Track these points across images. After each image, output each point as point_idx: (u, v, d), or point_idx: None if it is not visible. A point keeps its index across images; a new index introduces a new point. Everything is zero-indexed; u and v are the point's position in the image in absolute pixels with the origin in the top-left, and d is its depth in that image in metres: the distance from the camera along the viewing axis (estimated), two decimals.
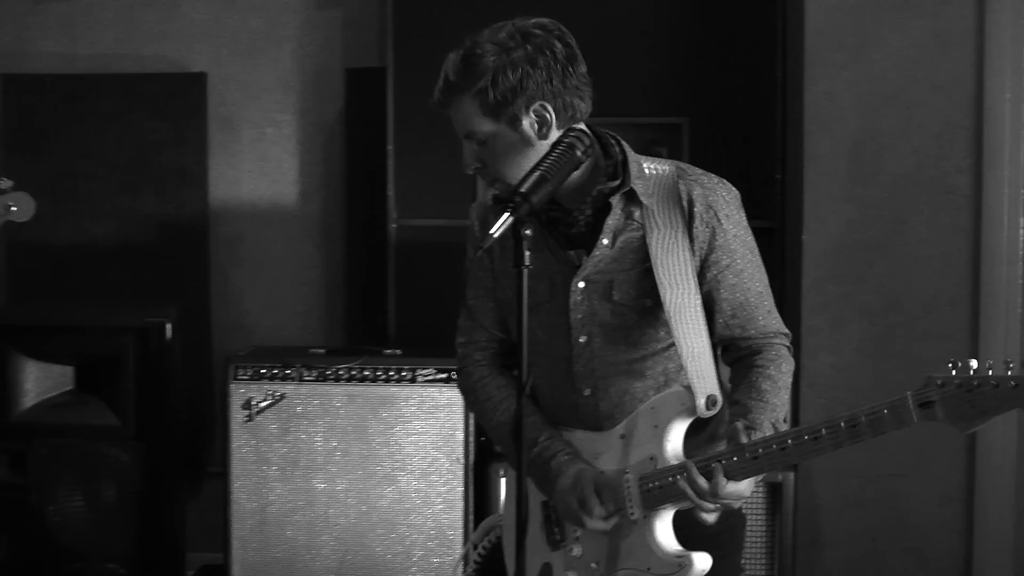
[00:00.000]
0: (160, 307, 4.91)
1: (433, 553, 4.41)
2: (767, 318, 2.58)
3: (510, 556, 2.72)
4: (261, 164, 5.74)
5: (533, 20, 2.47)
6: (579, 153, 2.35)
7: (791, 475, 4.14)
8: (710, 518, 2.39)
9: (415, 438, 4.47)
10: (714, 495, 2.32)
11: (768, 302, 2.60)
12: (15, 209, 3.87)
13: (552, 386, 2.64)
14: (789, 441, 2.27)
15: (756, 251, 2.59)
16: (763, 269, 2.62)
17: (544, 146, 2.42)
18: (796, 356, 2.95)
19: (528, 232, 2.21)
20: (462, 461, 4.42)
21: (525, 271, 2.22)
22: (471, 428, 4.40)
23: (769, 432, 2.40)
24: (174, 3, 5.73)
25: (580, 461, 2.56)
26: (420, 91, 4.82)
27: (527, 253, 2.21)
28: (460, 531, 4.34)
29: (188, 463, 5.22)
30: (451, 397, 4.40)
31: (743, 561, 3.78)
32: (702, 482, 2.32)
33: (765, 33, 4.77)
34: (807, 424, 2.34)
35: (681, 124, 4.82)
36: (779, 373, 2.52)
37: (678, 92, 4.87)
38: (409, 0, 5.03)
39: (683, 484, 2.35)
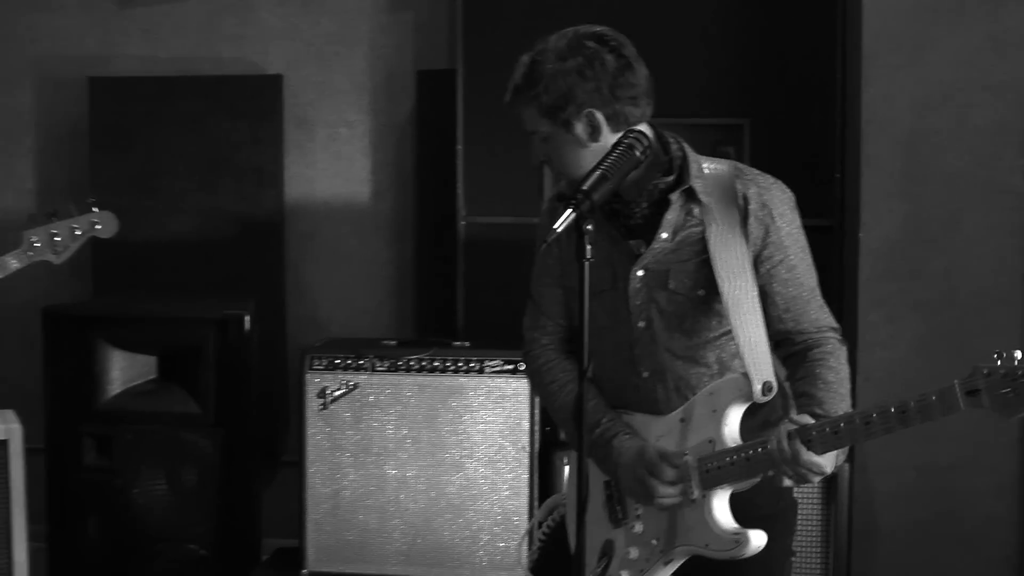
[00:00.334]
0: (238, 300, 4.98)
1: (499, 538, 4.47)
2: (819, 312, 2.66)
3: (573, 533, 2.81)
4: (335, 163, 5.82)
5: (592, 30, 2.59)
6: (638, 153, 2.47)
7: (846, 466, 4.13)
8: (788, 482, 2.49)
9: (482, 427, 4.53)
10: (795, 462, 2.41)
11: (819, 297, 2.68)
12: (100, 227, 3.95)
13: (614, 369, 2.74)
14: (842, 425, 2.36)
15: (807, 249, 2.67)
16: (813, 267, 2.70)
17: (598, 147, 2.54)
18: (852, 351, 3.04)
19: (589, 227, 2.32)
20: (527, 449, 4.47)
21: (587, 264, 2.33)
22: (536, 417, 4.45)
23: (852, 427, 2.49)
24: (251, 8, 5.83)
25: (641, 440, 2.66)
26: (489, 92, 4.81)
27: (588, 247, 2.32)
28: (525, 517, 4.38)
29: (264, 452, 5.29)
30: (517, 388, 4.47)
31: (794, 544, 3.88)
32: (786, 447, 2.41)
33: (825, 36, 4.77)
34: (862, 409, 2.42)
35: (742, 125, 4.86)
36: (839, 364, 2.61)
37: (739, 94, 4.90)
38: (479, 3, 5.06)
39: (771, 445, 2.44)
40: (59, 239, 3.81)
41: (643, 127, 2.58)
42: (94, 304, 5.34)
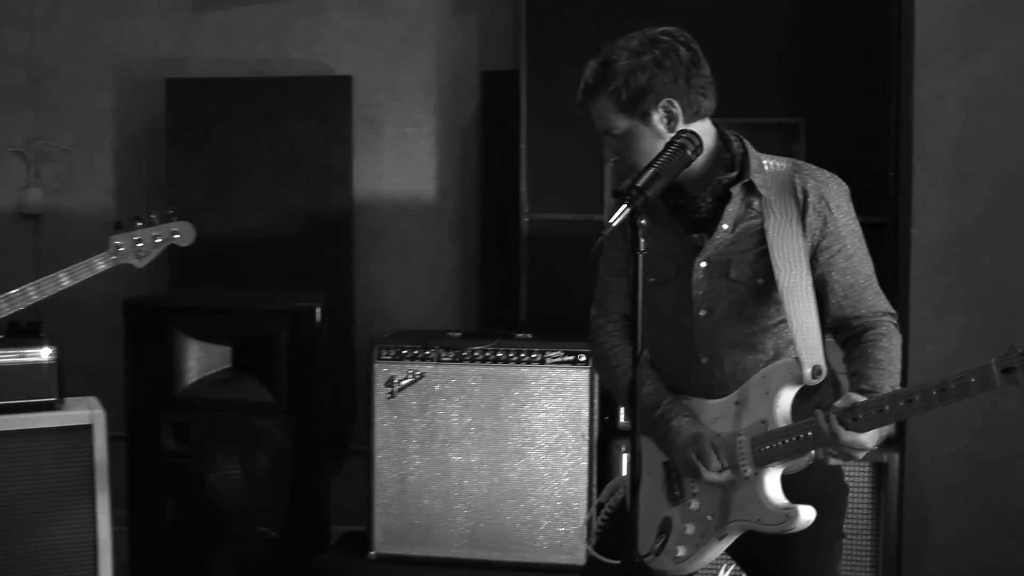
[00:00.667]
0: (310, 293, 5.02)
1: (559, 523, 4.51)
2: (875, 299, 2.77)
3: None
4: (402, 161, 5.90)
5: (660, 29, 2.71)
6: (689, 152, 2.59)
7: (896, 455, 4.19)
8: (833, 461, 2.60)
9: (544, 415, 4.59)
10: (836, 441, 2.51)
11: (875, 284, 2.78)
12: (178, 236, 4.05)
13: (674, 355, 2.86)
14: (886, 407, 2.46)
15: (863, 239, 2.78)
16: (869, 256, 2.80)
17: (672, 126, 2.67)
18: (904, 344, 3.12)
19: (643, 221, 2.43)
20: (587, 437, 4.52)
21: (640, 256, 2.44)
22: (595, 406, 4.49)
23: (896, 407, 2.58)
24: (322, 11, 5.93)
25: (698, 423, 2.77)
26: (551, 92, 4.98)
27: (642, 240, 2.43)
28: (584, 503, 4.45)
29: (333, 441, 5.34)
30: (577, 378, 4.50)
31: (845, 529, 4.02)
32: (825, 427, 2.51)
33: (879, 37, 4.80)
34: (904, 389, 2.51)
35: (798, 124, 4.91)
36: (891, 345, 2.71)
37: (796, 94, 4.93)
38: (541, 6, 5.13)
39: (816, 422, 2.53)
40: (141, 245, 3.92)
41: (695, 126, 2.69)
42: (173, 296, 5.42)
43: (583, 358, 4.54)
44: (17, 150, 6.28)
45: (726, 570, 4.05)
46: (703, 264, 2.77)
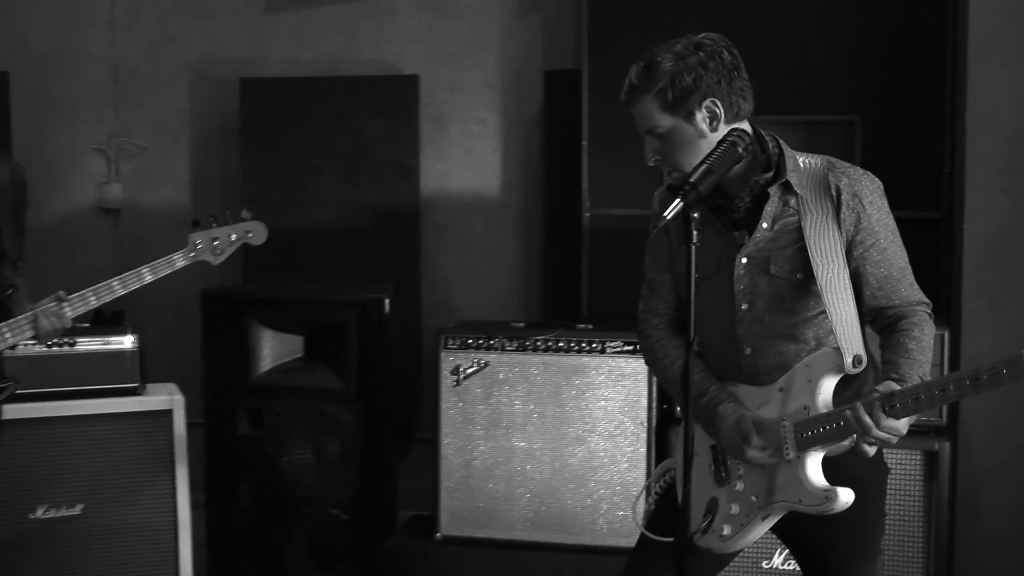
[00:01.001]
0: (379, 285, 5.05)
1: (618, 507, 4.57)
2: (909, 289, 2.84)
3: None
4: (467, 158, 5.98)
5: (703, 35, 2.81)
6: (740, 150, 2.69)
7: (947, 444, 4.19)
8: (871, 451, 2.66)
9: (603, 403, 4.62)
10: (877, 427, 2.59)
11: (909, 276, 2.86)
12: (252, 235, 4.11)
13: (719, 347, 2.95)
14: (922, 395, 2.54)
15: (897, 233, 2.86)
16: (903, 248, 2.88)
17: (714, 139, 2.76)
18: (957, 336, 3.20)
19: (696, 215, 2.54)
20: (645, 424, 4.56)
21: (693, 247, 2.55)
22: (654, 395, 4.53)
23: (916, 383, 2.67)
24: (390, 12, 6.03)
25: (742, 408, 2.87)
26: (613, 91, 4.98)
27: (695, 232, 2.54)
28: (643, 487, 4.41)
29: (400, 429, 5.37)
30: (636, 367, 4.54)
31: (895, 518, 4.02)
32: (866, 418, 2.59)
33: (934, 34, 4.80)
34: (939, 378, 2.59)
35: (854, 122, 4.93)
36: (922, 335, 2.78)
37: (851, 92, 4.94)
38: (603, 7, 5.17)
39: (850, 416, 2.62)
40: (217, 243, 3.98)
41: (745, 126, 2.79)
42: (248, 287, 5.50)
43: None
44: (99, 147, 6.39)
45: (780, 555, 4.17)
46: (744, 260, 2.86)
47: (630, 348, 4.59)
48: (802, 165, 2.85)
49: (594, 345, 4.65)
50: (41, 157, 6.01)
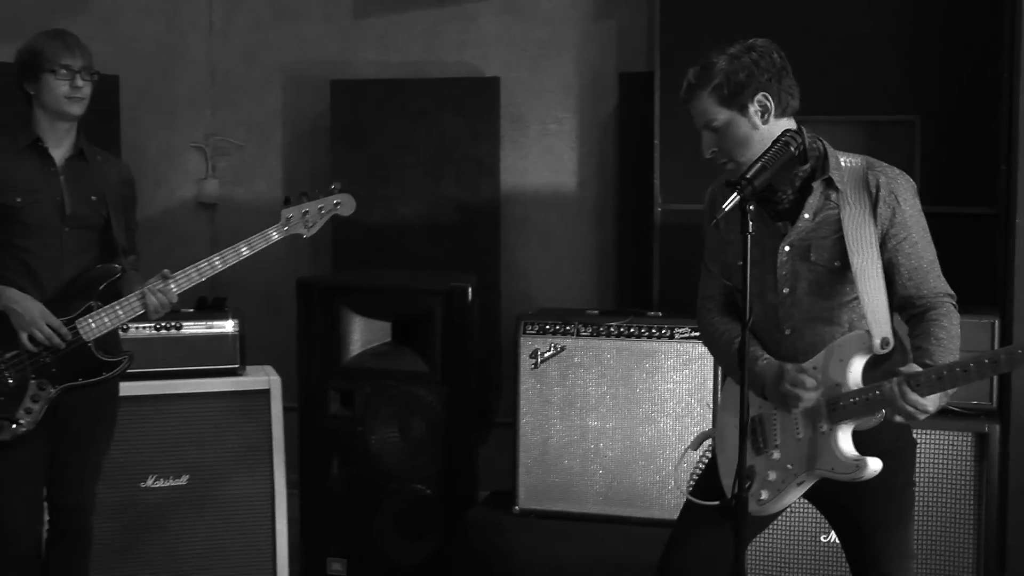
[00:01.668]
0: (462, 274, 5.14)
1: (683, 483, 4.22)
2: (936, 281, 3.03)
3: (721, 454, 3.26)
4: (545, 156, 6.10)
5: (754, 39, 3.04)
6: (792, 149, 2.90)
7: (996, 426, 4.25)
8: (898, 418, 2.85)
9: (671, 386, 4.70)
10: (904, 401, 2.78)
11: (937, 269, 3.05)
12: (340, 206, 4.18)
13: (762, 328, 3.15)
14: (944, 373, 2.75)
15: (927, 229, 3.05)
16: (932, 244, 3.06)
17: (764, 131, 2.98)
18: (1008, 326, 3.34)
19: (751, 208, 2.75)
20: (710, 406, 4.62)
21: (749, 237, 2.75)
22: (719, 378, 4.51)
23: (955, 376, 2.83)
24: (472, 17, 6.15)
25: (776, 361, 3.07)
26: None
27: (751, 223, 2.75)
28: None
29: (480, 413, 5.45)
30: (703, 352, 4.57)
31: (939, 495, 4.20)
32: (896, 390, 2.79)
33: (992, 34, 4.84)
34: (960, 359, 2.80)
35: (913, 121, 4.99)
36: (950, 324, 2.97)
37: (911, 92, 5.00)
38: (674, 13, 5.25)
39: (884, 391, 2.81)
40: (308, 215, 4.06)
41: (782, 123, 3.00)
42: (340, 276, 5.60)
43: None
44: (197, 145, 6.55)
45: (827, 536, 4.30)
46: (787, 248, 3.07)
47: (697, 334, 4.42)
48: (843, 164, 3.05)
49: (663, 331, 4.71)
50: (145, 155, 6.18)
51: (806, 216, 3.05)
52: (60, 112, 3.81)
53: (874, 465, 2.92)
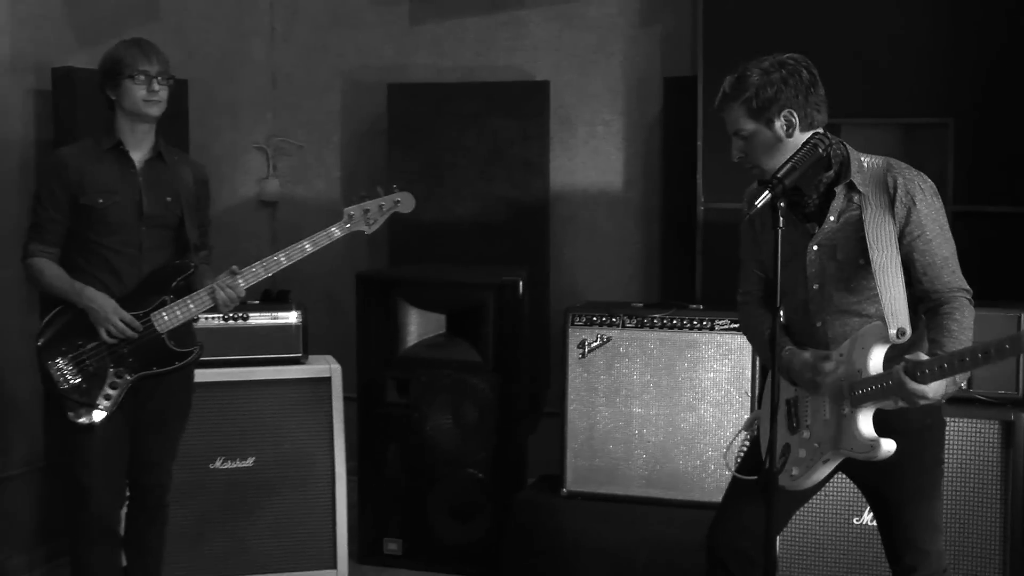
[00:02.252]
0: (513, 269, 5.27)
1: (723, 468, 4.62)
2: (951, 276, 3.19)
3: (763, 434, 3.44)
4: (592, 156, 6.20)
5: (787, 55, 3.22)
6: (820, 151, 3.10)
7: (1022, 415, 4.32)
8: (901, 403, 3.02)
9: (712, 375, 4.81)
10: (902, 390, 2.96)
11: (952, 265, 3.19)
12: (400, 204, 4.29)
13: (797, 320, 3.35)
14: (945, 364, 2.91)
15: (945, 227, 3.20)
16: (951, 242, 3.21)
17: (789, 143, 3.16)
18: None
19: (781, 204, 2.95)
20: (749, 394, 4.73)
21: (780, 231, 2.95)
22: (757, 368, 4.63)
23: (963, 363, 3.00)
24: (523, 24, 6.27)
25: (800, 349, 3.27)
26: None
27: (781, 218, 2.95)
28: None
29: (529, 403, 5.53)
30: (742, 343, 4.69)
31: (967, 480, 4.31)
32: (900, 378, 2.96)
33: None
34: (961, 350, 2.96)
35: (947, 124, 5.08)
36: (963, 317, 3.13)
37: (944, 95, 5.07)
38: (716, 20, 5.38)
39: (895, 375, 2.97)
40: (369, 212, 4.19)
41: (807, 135, 3.17)
42: (397, 271, 5.74)
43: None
44: (259, 146, 6.72)
45: (868, 512, 4.42)
46: (815, 248, 3.25)
47: (736, 326, 4.73)
48: (865, 166, 3.22)
49: (704, 323, 4.83)
50: (210, 155, 6.10)
51: (831, 219, 3.23)
52: (139, 114, 4.02)
53: (887, 446, 3.09)
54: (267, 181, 6.78)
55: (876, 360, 3.13)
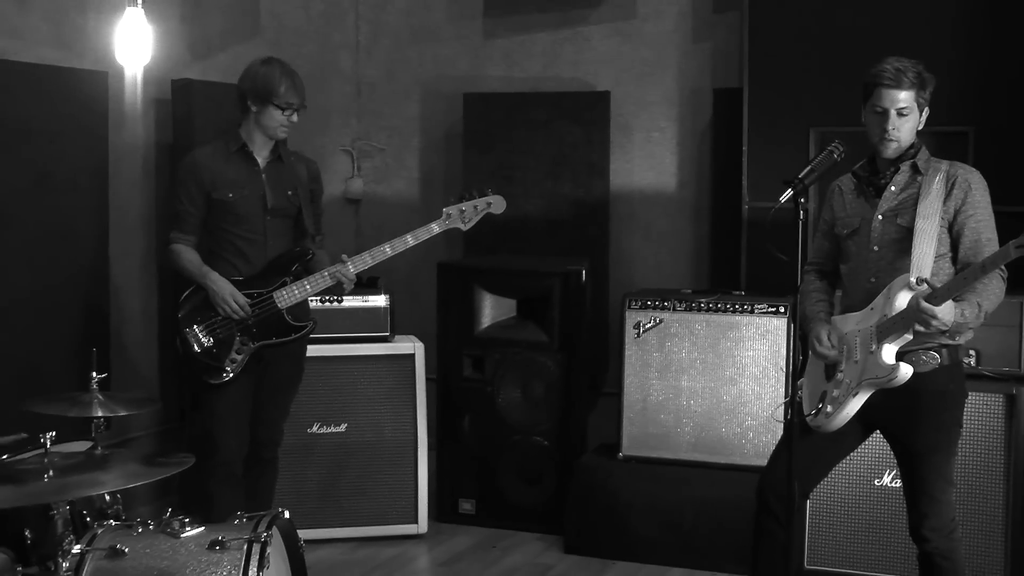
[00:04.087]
0: (576, 260, 5.55)
1: (762, 435, 5.08)
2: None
3: (805, 385, 3.91)
4: (649, 160, 6.41)
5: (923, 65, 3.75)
6: (836, 156, 3.63)
7: None
8: (919, 327, 3.49)
9: (751, 353, 5.12)
10: (919, 310, 3.44)
11: (994, 246, 3.66)
12: (492, 205, 4.61)
13: (855, 277, 3.84)
14: (950, 284, 3.45)
15: (991, 215, 3.71)
16: (994, 228, 3.70)
17: (918, 123, 3.72)
18: None
19: (803, 200, 3.46)
20: (784, 370, 5.03)
21: (800, 224, 3.46)
22: (792, 347, 4.86)
23: (974, 307, 3.55)
24: (586, 39, 6.52)
25: (827, 325, 3.81)
26: (768, 106, 5.60)
27: (802, 212, 3.46)
28: (782, 421, 4.74)
29: (589, 383, 5.78)
30: (778, 325, 5.03)
31: (977, 450, 4.64)
32: (915, 303, 3.46)
33: None
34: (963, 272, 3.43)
35: (967, 132, 5.23)
36: (990, 280, 3.59)
37: (965, 103, 5.21)
38: (762, 37, 5.59)
39: (912, 303, 3.46)
40: (466, 212, 4.57)
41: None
42: (473, 260, 6.04)
43: (783, 309, 5.09)
44: (345, 148, 7.02)
45: (888, 475, 4.80)
46: (879, 216, 3.77)
47: (773, 309, 5.09)
48: (931, 160, 3.76)
49: (746, 307, 5.14)
50: None
51: (892, 189, 3.76)
52: (271, 135, 4.56)
53: (904, 370, 3.59)
54: (352, 181, 7.04)
55: (900, 302, 3.60)
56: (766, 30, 5.61)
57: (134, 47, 5.33)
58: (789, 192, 3.49)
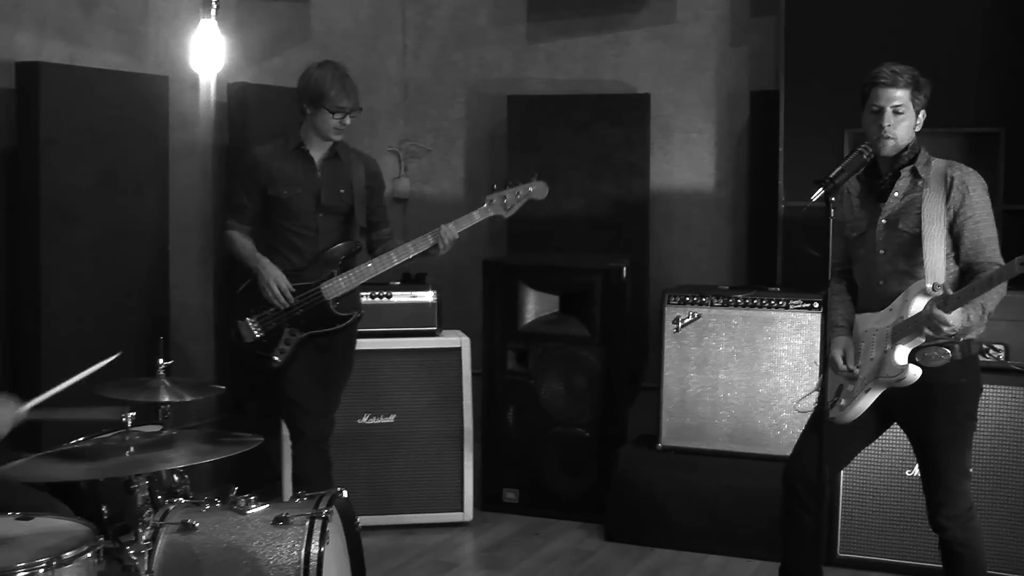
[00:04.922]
0: (617, 257, 5.66)
1: (795, 426, 4.88)
2: (991, 254, 3.80)
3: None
4: (688, 160, 6.51)
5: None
6: (865, 156, 3.77)
7: None
8: (927, 331, 3.61)
9: (787, 347, 5.22)
10: (929, 317, 3.57)
11: (993, 245, 3.79)
12: (533, 191, 4.68)
13: (865, 280, 3.96)
14: (961, 293, 3.55)
15: (991, 215, 3.81)
16: (994, 227, 3.81)
17: (914, 123, 3.81)
18: None
19: (833, 199, 3.62)
20: (818, 364, 4.45)
21: (832, 221, 3.62)
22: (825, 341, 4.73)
23: (978, 309, 3.66)
24: (627, 43, 6.64)
25: (841, 338, 3.92)
26: (804, 108, 5.72)
27: (832, 211, 3.61)
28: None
29: (629, 378, 5.85)
30: (812, 320, 5.09)
31: (991, 442, 4.73)
32: (926, 309, 3.59)
33: None
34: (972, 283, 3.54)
35: (999, 133, 5.31)
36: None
37: (996, 105, 5.30)
38: (797, 42, 5.71)
39: (925, 308, 3.58)
40: (507, 200, 4.66)
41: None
42: (517, 257, 6.16)
43: (817, 305, 5.12)
44: (392, 149, 7.14)
45: (911, 471, 4.87)
46: (883, 220, 3.88)
47: (808, 305, 5.16)
48: (931, 162, 3.87)
49: (781, 303, 5.23)
50: None
51: (895, 195, 3.87)
52: (324, 137, 4.73)
53: (913, 371, 3.73)
54: (399, 180, 7.17)
55: (916, 307, 3.74)
56: (802, 33, 5.70)
57: (208, 55, 5.59)
58: (820, 191, 3.63)
